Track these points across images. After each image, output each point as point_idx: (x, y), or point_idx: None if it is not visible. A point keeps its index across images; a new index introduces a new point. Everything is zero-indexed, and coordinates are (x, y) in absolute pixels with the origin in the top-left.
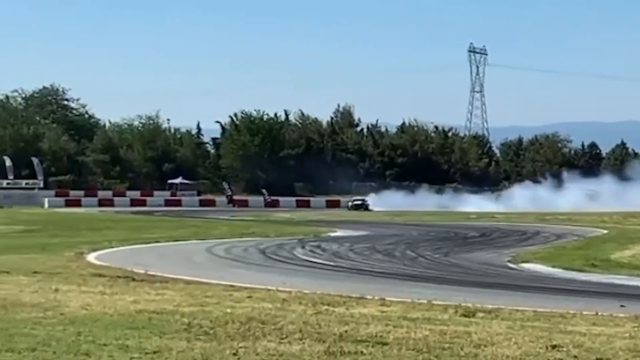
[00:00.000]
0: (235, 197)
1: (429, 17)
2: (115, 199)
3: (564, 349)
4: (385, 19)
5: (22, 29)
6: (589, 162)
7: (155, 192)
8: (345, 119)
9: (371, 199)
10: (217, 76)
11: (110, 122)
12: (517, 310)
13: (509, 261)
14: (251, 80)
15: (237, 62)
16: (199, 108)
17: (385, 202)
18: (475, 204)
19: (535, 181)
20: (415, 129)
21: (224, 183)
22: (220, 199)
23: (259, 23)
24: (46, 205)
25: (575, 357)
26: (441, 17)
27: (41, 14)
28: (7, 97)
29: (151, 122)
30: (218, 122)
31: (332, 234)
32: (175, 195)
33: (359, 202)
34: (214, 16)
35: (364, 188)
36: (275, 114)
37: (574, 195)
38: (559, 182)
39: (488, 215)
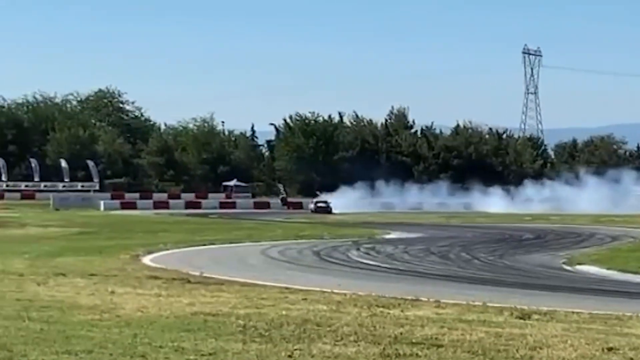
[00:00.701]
0: (289, 199)
1: (483, 19)
2: (170, 201)
3: (620, 352)
4: (439, 21)
5: (77, 32)
6: None
7: (210, 195)
8: (399, 121)
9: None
10: (271, 79)
11: (165, 125)
12: (573, 313)
13: (564, 263)
14: (305, 83)
15: (291, 65)
16: (253, 110)
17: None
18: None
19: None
20: (470, 130)
21: (278, 185)
22: (275, 201)
23: (312, 27)
24: (102, 207)
25: (631, 359)
26: (495, 18)
27: (97, 18)
28: (66, 100)
29: (206, 124)
30: (272, 124)
31: (387, 236)
32: (229, 198)
33: (323, 205)
34: (268, 21)
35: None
36: (330, 116)
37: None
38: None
39: (543, 217)
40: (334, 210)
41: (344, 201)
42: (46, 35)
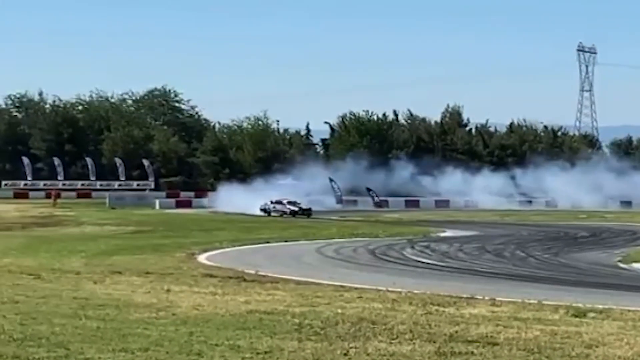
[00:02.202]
0: (344, 198)
1: (537, 16)
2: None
3: None
4: (494, 18)
5: (134, 32)
6: None
7: (266, 193)
8: (454, 119)
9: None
10: (326, 77)
11: (219, 124)
12: (629, 311)
13: (619, 261)
14: (360, 81)
15: (345, 63)
16: (308, 109)
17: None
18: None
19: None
20: (525, 128)
21: (332, 183)
22: (330, 200)
23: (364, 21)
24: (157, 206)
25: None
26: (550, 16)
27: (152, 18)
28: (123, 99)
29: (260, 123)
30: (327, 122)
31: (442, 234)
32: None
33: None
34: (321, 18)
35: None
36: (384, 114)
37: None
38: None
39: (598, 215)
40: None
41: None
42: (104, 34)
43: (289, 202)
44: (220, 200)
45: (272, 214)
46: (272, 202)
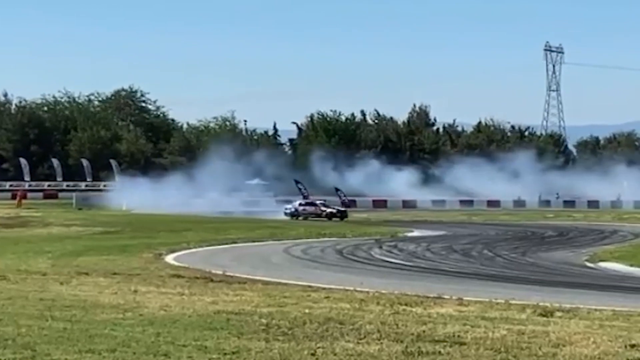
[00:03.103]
0: (311, 198)
1: (504, 16)
2: (193, 200)
3: None
4: (461, 19)
5: (98, 32)
6: None
7: (233, 194)
8: (421, 118)
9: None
10: (293, 78)
11: (187, 125)
12: (596, 310)
13: (586, 260)
14: (327, 82)
15: (312, 65)
16: (276, 110)
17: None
18: None
19: None
20: (492, 128)
21: (298, 185)
22: (298, 200)
23: (332, 27)
24: (124, 207)
25: None
26: (517, 16)
27: (116, 18)
28: (89, 99)
29: (227, 123)
30: (294, 123)
31: (409, 234)
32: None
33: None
34: (288, 22)
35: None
36: (352, 115)
37: None
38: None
39: (565, 214)
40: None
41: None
42: (69, 35)
43: (324, 204)
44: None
45: (300, 217)
46: (301, 205)
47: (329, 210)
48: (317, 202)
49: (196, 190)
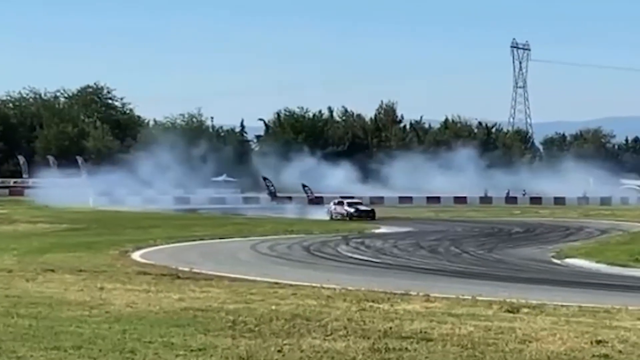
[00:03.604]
0: (278, 194)
1: (471, 14)
2: (160, 197)
3: (609, 344)
4: (428, 15)
5: (64, 29)
6: (633, 157)
7: (199, 190)
8: (388, 115)
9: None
10: (261, 74)
11: (154, 121)
12: (562, 306)
13: (553, 257)
14: (295, 78)
15: (281, 60)
16: (243, 106)
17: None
18: None
19: None
20: (459, 125)
21: (264, 180)
22: (264, 196)
23: (302, 20)
24: (91, 203)
25: (620, 352)
26: (484, 13)
27: (83, 14)
28: (56, 96)
29: (194, 120)
30: (261, 119)
31: (376, 231)
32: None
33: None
34: (257, 15)
35: None
36: (319, 111)
37: None
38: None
39: (532, 211)
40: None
41: None
42: (35, 30)
43: (350, 204)
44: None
45: (334, 216)
46: (334, 204)
47: (350, 209)
48: (345, 201)
49: (141, 186)
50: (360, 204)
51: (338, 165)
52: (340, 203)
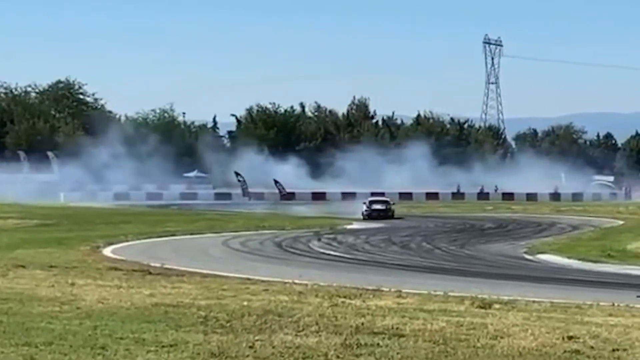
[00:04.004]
0: (250, 190)
1: (444, 9)
2: (131, 192)
3: (581, 340)
4: (400, 11)
5: (35, 24)
6: (604, 153)
7: (171, 186)
8: (360, 111)
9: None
10: (233, 70)
11: (126, 117)
12: (534, 302)
13: (525, 252)
14: (267, 74)
15: (253, 56)
16: (215, 102)
17: None
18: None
19: None
20: (431, 121)
21: (237, 176)
22: (236, 192)
23: (273, 16)
24: (62, 199)
25: (591, 347)
26: (456, 8)
27: (54, 9)
28: (26, 91)
29: (166, 115)
30: (234, 115)
31: (348, 226)
32: (191, 189)
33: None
34: (227, 10)
35: None
36: (292, 107)
37: None
38: None
39: (504, 207)
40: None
41: None
42: (5, 26)
43: (372, 201)
44: None
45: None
46: (363, 203)
47: (365, 209)
48: (368, 200)
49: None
50: (380, 202)
51: (287, 161)
52: (365, 202)
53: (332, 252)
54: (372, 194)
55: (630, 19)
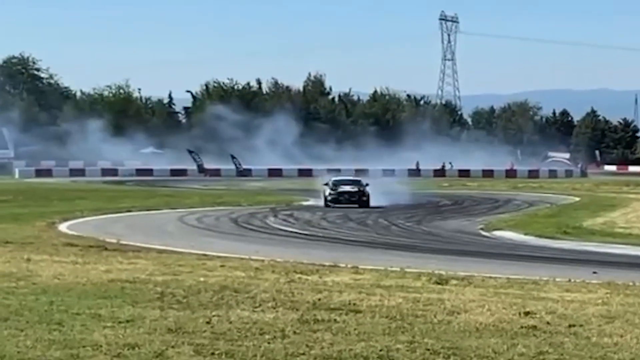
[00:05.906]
0: (206, 166)
1: None
2: (87, 168)
3: (537, 316)
4: None
5: None
6: (560, 130)
7: (127, 162)
8: (316, 87)
9: None
10: (190, 45)
11: (81, 92)
12: (490, 278)
13: (481, 229)
14: (223, 49)
15: (210, 31)
16: (171, 78)
17: None
18: None
19: None
20: (387, 97)
21: (191, 153)
22: (192, 168)
23: None
24: (17, 175)
25: (548, 323)
26: None
27: None
28: None
29: (122, 91)
30: (189, 91)
31: (305, 203)
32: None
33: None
34: None
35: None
36: (248, 83)
37: None
38: None
39: (460, 184)
40: None
41: None
42: None
43: (338, 182)
44: None
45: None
46: (325, 184)
47: (327, 192)
48: (337, 178)
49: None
50: (350, 182)
51: None
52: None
53: (288, 228)
54: (328, 171)
55: None
